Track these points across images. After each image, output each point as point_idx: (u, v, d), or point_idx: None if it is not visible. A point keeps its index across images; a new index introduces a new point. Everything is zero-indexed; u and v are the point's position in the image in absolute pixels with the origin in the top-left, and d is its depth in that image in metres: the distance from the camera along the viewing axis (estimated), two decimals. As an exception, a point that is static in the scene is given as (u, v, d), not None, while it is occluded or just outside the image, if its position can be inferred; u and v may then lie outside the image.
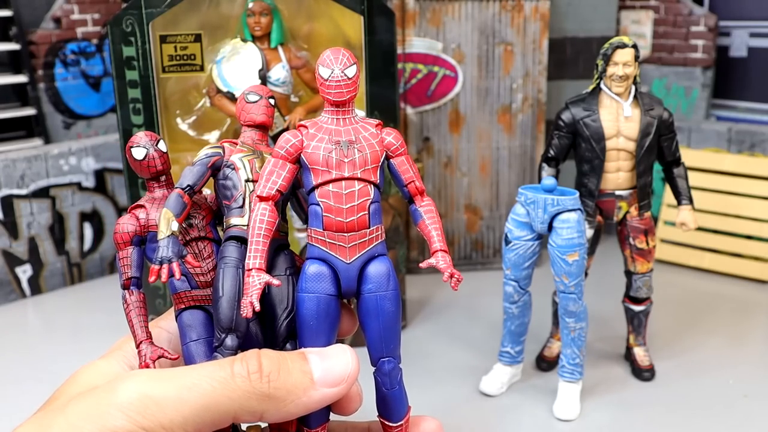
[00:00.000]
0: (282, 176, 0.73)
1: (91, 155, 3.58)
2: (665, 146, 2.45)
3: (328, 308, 0.72)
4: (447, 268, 0.75)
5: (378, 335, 0.72)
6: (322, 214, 0.72)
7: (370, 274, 0.73)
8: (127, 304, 0.74)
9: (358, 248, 0.72)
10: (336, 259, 0.72)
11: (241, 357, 0.63)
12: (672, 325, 3.00)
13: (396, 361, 0.74)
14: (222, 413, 0.60)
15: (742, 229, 3.52)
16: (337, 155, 0.72)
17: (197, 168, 0.77)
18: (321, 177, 0.72)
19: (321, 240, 0.72)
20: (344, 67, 0.76)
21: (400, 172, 0.78)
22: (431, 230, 0.77)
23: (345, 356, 0.67)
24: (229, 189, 0.77)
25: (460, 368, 2.67)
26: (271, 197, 0.73)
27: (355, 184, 0.73)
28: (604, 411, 2.39)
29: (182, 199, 0.74)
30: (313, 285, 0.71)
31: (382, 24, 2.57)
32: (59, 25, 3.86)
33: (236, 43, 2.58)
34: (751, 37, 3.97)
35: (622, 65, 2.31)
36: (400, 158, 0.78)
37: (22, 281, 3.38)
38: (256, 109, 0.82)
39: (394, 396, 0.74)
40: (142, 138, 0.79)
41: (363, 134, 0.75)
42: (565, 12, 3.61)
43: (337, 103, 0.74)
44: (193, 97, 2.65)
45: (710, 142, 3.75)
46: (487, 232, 3.66)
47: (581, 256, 2.24)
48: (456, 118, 3.48)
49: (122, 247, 0.76)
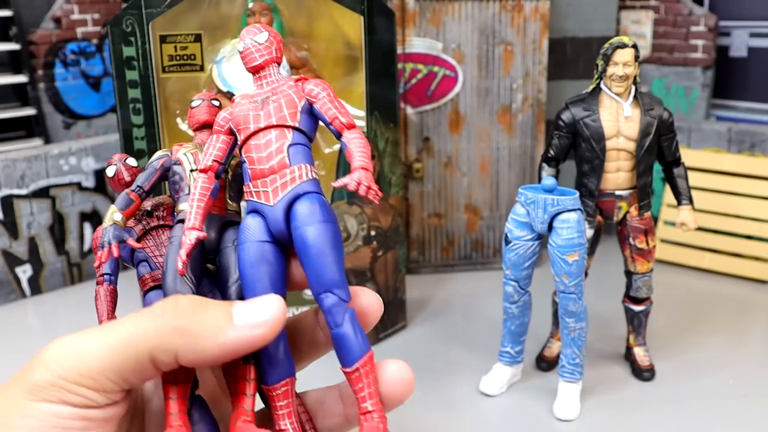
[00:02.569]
0: (216, 147, 0.77)
1: (91, 155, 3.58)
2: (665, 146, 2.45)
3: (260, 254, 0.71)
4: (351, 181, 0.72)
5: (313, 270, 0.70)
6: (248, 168, 0.74)
7: (294, 212, 0.72)
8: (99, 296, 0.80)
9: (280, 189, 0.73)
10: (262, 205, 0.73)
11: (161, 302, 0.62)
12: (672, 325, 3.00)
13: (337, 297, 0.69)
14: (138, 352, 0.59)
15: (742, 229, 3.52)
16: (254, 110, 0.75)
17: (147, 170, 0.83)
18: (243, 134, 0.75)
19: (250, 192, 0.74)
20: (253, 35, 0.78)
21: (322, 113, 0.76)
22: (353, 151, 0.74)
23: (270, 299, 0.65)
24: (177, 183, 0.82)
25: (460, 368, 2.67)
26: (209, 168, 0.76)
27: (271, 131, 0.74)
28: (604, 411, 2.39)
29: (128, 196, 0.81)
30: (245, 235, 0.73)
31: (382, 24, 2.57)
32: (59, 25, 3.86)
33: (236, 43, 2.58)
34: (751, 37, 3.97)
35: (622, 65, 2.32)
36: (322, 101, 0.76)
37: (22, 281, 3.38)
38: (198, 111, 0.88)
39: (340, 335, 0.69)
40: (114, 157, 0.87)
41: (281, 88, 0.77)
42: (565, 12, 3.61)
43: (253, 69, 0.78)
44: (192, 97, 2.65)
45: (710, 142, 3.75)
46: (487, 232, 3.66)
47: (581, 256, 2.24)
48: (456, 118, 3.48)
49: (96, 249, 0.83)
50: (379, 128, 2.69)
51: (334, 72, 2.69)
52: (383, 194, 2.80)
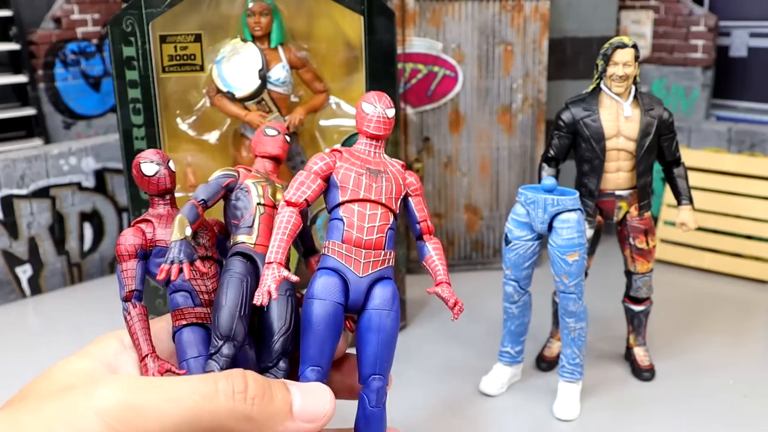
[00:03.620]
0: (311, 188, 0.78)
1: (91, 155, 3.58)
2: (665, 146, 2.46)
3: (335, 316, 0.73)
4: (451, 297, 0.81)
5: (374, 351, 0.75)
6: (344, 228, 0.75)
7: (377, 292, 0.76)
8: (131, 316, 0.75)
9: (371, 265, 0.76)
10: (349, 271, 0.75)
11: (226, 375, 0.63)
12: (672, 325, 3.00)
13: (385, 381, 0.76)
14: (201, 429, 0.60)
15: (742, 229, 3.52)
16: (367, 179, 0.78)
17: (212, 185, 0.80)
18: (349, 195, 0.76)
19: (338, 252, 0.75)
20: (385, 107, 0.82)
21: (416, 211, 0.84)
22: (437, 264, 0.83)
23: (324, 395, 0.68)
24: (239, 209, 0.80)
25: (460, 368, 2.67)
26: (298, 204, 0.77)
27: (379, 208, 0.77)
28: (604, 411, 2.39)
29: (196, 209, 0.77)
30: (324, 292, 0.73)
31: (382, 24, 2.57)
32: (59, 25, 3.86)
33: (236, 43, 2.58)
34: (751, 37, 3.97)
35: (622, 65, 2.32)
36: (417, 198, 0.84)
37: (22, 281, 3.39)
38: (272, 143, 0.88)
39: (375, 415, 0.76)
40: (155, 155, 0.82)
41: (390, 168, 0.82)
42: (565, 12, 3.61)
43: (374, 137, 0.82)
44: (193, 97, 2.65)
45: (710, 142, 3.75)
46: (487, 232, 3.66)
47: (581, 256, 2.24)
48: (456, 118, 3.48)
49: (125, 259, 0.77)
50: (379, 128, 2.69)
51: (334, 72, 2.69)
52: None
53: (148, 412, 0.57)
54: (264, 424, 0.63)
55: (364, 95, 0.84)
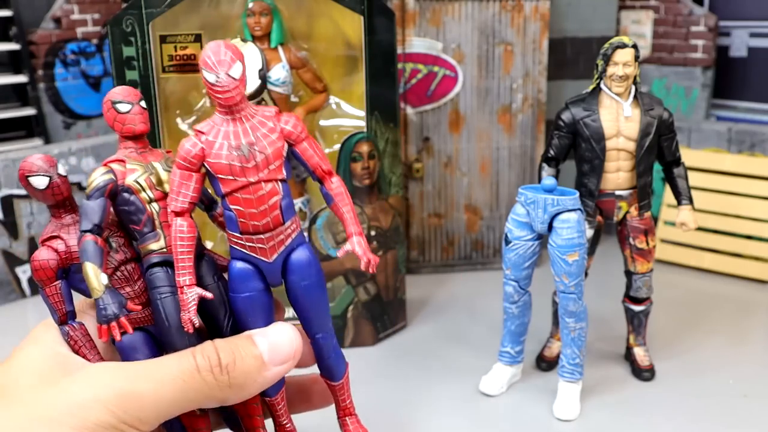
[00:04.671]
0: (191, 188, 0.73)
1: (91, 155, 3.58)
2: (665, 146, 2.46)
3: (261, 301, 0.75)
4: (363, 254, 0.78)
5: (307, 316, 0.78)
6: (237, 220, 0.73)
7: (292, 266, 0.76)
8: (74, 340, 0.72)
9: (277, 246, 0.75)
10: (258, 260, 0.75)
11: (200, 349, 0.68)
12: (672, 325, 3.00)
13: (328, 334, 0.79)
14: (191, 403, 0.66)
15: (742, 229, 3.52)
16: (239, 161, 0.72)
17: (97, 202, 0.72)
18: (228, 185, 0.72)
19: (241, 243, 0.74)
20: (228, 68, 0.74)
21: (304, 159, 0.78)
22: (344, 213, 0.78)
23: (287, 334, 0.73)
24: (133, 214, 0.74)
25: (460, 368, 2.67)
26: (185, 210, 0.74)
27: (263, 185, 0.73)
28: (604, 411, 2.39)
29: (97, 244, 0.70)
30: (243, 285, 0.74)
31: (382, 24, 2.57)
32: (59, 25, 3.86)
33: (236, 43, 2.58)
34: (751, 37, 3.97)
35: (622, 65, 2.32)
36: (302, 145, 0.77)
37: (22, 281, 3.38)
38: (132, 119, 0.78)
39: (332, 362, 0.80)
40: (41, 164, 0.74)
41: (261, 131, 0.74)
42: (565, 12, 3.61)
43: (228, 106, 0.75)
44: (193, 97, 2.65)
45: (710, 142, 3.75)
46: (487, 232, 3.66)
47: (581, 256, 2.24)
48: (456, 118, 3.48)
49: (48, 283, 0.73)
50: (379, 128, 2.70)
51: (334, 72, 2.69)
52: (384, 195, 2.80)
53: (145, 398, 0.63)
54: (243, 384, 0.68)
55: (201, 54, 0.74)
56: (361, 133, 2.68)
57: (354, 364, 2.12)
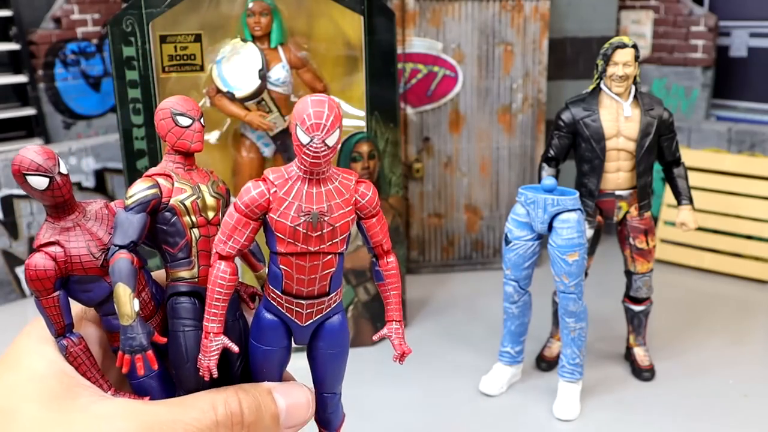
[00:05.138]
0: (245, 235, 0.69)
1: (91, 155, 3.58)
2: (665, 146, 2.45)
3: (280, 358, 0.73)
4: (399, 345, 0.76)
5: (322, 379, 0.76)
6: (283, 280, 0.69)
7: (323, 333, 0.73)
8: (74, 356, 0.66)
9: (315, 314, 0.72)
10: (291, 321, 0.72)
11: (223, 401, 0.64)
12: (672, 325, 3.00)
13: (338, 395, 0.78)
14: None
15: (742, 229, 3.52)
16: (305, 228, 0.67)
17: (137, 218, 0.67)
18: (285, 247, 0.68)
19: (278, 302, 0.71)
20: (326, 135, 0.65)
21: (369, 234, 0.75)
22: (390, 296, 0.77)
23: (306, 398, 0.72)
24: (171, 236, 0.70)
25: (460, 368, 2.67)
26: (232, 256, 0.70)
27: (320, 257, 0.69)
28: (604, 411, 2.39)
29: (133, 265, 0.65)
30: (267, 339, 0.71)
31: (382, 24, 2.57)
32: (59, 25, 3.86)
33: (236, 43, 2.58)
34: (751, 37, 3.97)
35: (622, 65, 2.31)
36: (371, 221, 0.74)
37: (22, 281, 3.38)
38: (190, 136, 0.72)
39: (332, 416, 0.78)
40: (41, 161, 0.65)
41: (336, 200, 0.69)
42: (565, 12, 3.61)
43: (311, 172, 0.68)
44: (193, 97, 2.65)
45: (710, 142, 3.75)
46: (487, 232, 3.66)
47: (581, 256, 2.24)
48: (456, 118, 3.48)
49: (45, 294, 0.66)
50: (379, 128, 2.70)
51: (334, 72, 2.69)
52: (384, 195, 2.80)
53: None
54: None
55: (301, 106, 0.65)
56: (361, 133, 2.68)
57: (354, 364, 2.10)
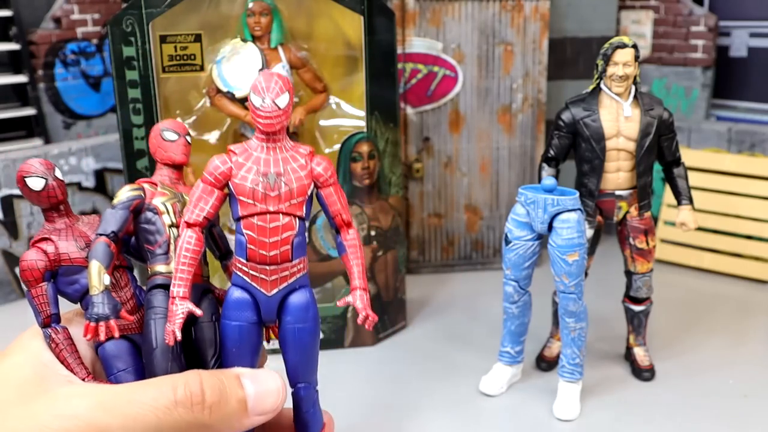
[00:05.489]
0: (210, 203, 0.73)
1: (91, 155, 3.58)
2: (665, 146, 2.45)
3: (249, 335, 0.74)
4: (363, 309, 0.77)
5: (294, 364, 0.75)
6: (246, 246, 0.72)
7: (289, 306, 0.74)
8: (56, 343, 0.71)
9: (279, 282, 0.74)
10: (257, 291, 0.74)
11: (183, 381, 0.64)
12: (672, 325, 3.00)
13: (311, 387, 0.77)
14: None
15: (742, 229, 3.52)
16: (263, 188, 0.72)
17: (120, 212, 0.75)
18: (247, 209, 0.72)
19: (244, 270, 0.73)
20: (275, 96, 0.72)
21: (327, 204, 0.78)
22: (353, 266, 0.78)
23: (276, 384, 0.70)
24: (152, 234, 0.76)
25: (460, 368, 2.67)
26: (199, 224, 0.74)
27: (280, 217, 0.73)
28: (604, 411, 2.39)
29: (109, 248, 0.72)
30: (236, 313, 0.73)
31: (382, 24, 2.57)
32: (59, 25, 3.86)
33: (236, 43, 2.58)
34: (751, 37, 3.97)
35: (622, 65, 2.31)
36: (328, 189, 0.77)
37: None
38: (175, 149, 0.81)
39: (309, 416, 0.77)
40: (39, 165, 0.75)
41: (292, 165, 0.74)
42: (565, 12, 3.61)
43: (267, 132, 0.73)
44: (193, 97, 2.65)
45: (710, 142, 3.75)
46: (487, 232, 3.66)
47: (581, 256, 2.24)
48: (456, 118, 3.48)
49: (34, 284, 0.73)
50: (379, 128, 2.70)
51: (334, 72, 2.69)
52: (384, 195, 2.80)
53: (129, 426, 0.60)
54: (220, 427, 0.65)
55: (253, 81, 0.74)
56: (361, 133, 2.68)
57: (354, 364, 2.12)
